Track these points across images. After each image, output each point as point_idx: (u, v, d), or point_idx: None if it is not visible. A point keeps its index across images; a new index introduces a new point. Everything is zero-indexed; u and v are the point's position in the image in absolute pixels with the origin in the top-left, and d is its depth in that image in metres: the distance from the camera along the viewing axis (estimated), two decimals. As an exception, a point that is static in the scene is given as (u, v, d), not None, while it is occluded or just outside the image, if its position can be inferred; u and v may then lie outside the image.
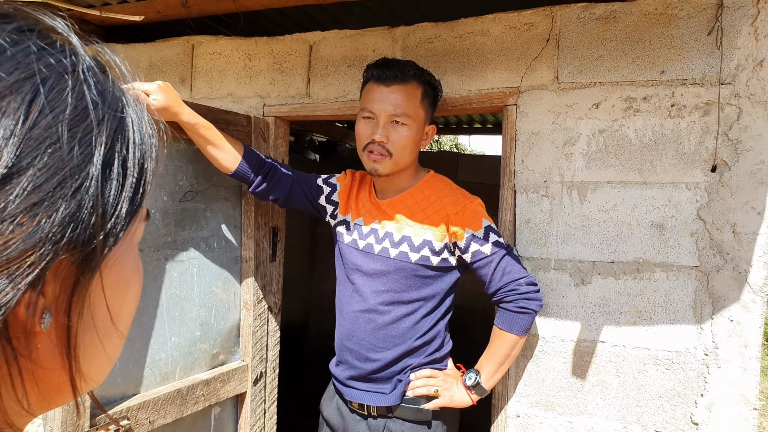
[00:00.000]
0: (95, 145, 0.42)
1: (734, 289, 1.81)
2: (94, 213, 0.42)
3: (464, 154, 5.62)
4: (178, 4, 2.46)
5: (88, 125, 0.42)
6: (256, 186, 2.02)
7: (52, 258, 0.39)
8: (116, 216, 0.44)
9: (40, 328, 0.40)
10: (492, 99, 2.10)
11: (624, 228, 1.93)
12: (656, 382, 1.90)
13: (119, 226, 0.45)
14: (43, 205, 0.38)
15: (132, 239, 0.50)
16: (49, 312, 0.41)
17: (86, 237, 0.41)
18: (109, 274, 0.47)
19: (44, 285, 0.40)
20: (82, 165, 0.41)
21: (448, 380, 1.89)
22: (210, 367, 2.21)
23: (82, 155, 0.41)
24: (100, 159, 0.42)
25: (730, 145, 1.82)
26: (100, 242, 0.43)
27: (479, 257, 1.82)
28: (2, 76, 0.38)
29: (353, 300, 1.96)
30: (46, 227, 0.38)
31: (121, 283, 0.50)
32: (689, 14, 1.86)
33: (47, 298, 0.40)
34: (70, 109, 0.41)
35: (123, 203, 0.45)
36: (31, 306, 0.39)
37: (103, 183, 0.42)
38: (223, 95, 2.55)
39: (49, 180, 0.38)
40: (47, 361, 0.43)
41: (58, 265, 0.40)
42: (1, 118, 0.37)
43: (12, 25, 0.42)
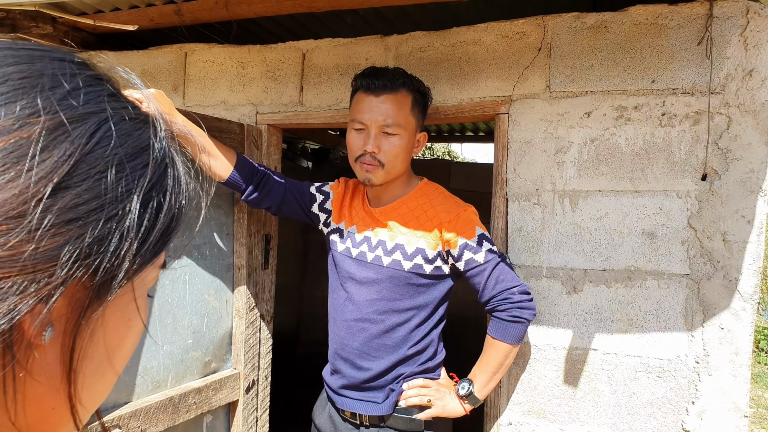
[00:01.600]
0: (138, 184, 0.45)
1: (725, 297, 1.82)
2: (121, 245, 0.44)
3: (457, 162, 5.63)
4: (171, 12, 2.46)
5: (137, 165, 0.46)
6: (248, 194, 2.02)
7: (72, 275, 0.41)
8: (140, 254, 0.46)
9: (40, 341, 0.41)
10: (484, 108, 2.11)
11: (615, 236, 1.94)
12: (648, 389, 1.90)
13: (140, 262, 0.47)
14: (78, 223, 0.41)
15: (144, 281, 0.52)
16: (52, 327, 0.42)
17: (107, 265, 0.43)
18: (115, 309, 0.49)
19: (56, 301, 0.41)
20: (121, 198, 0.44)
21: (441, 390, 1.89)
22: (202, 375, 2.20)
23: (124, 190, 0.44)
24: (139, 198, 0.45)
25: (720, 154, 1.83)
26: (118, 273, 0.45)
27: (472, 265, 1.82)
28: (75, 105, 0.43)
29: (346, 308, 1.95)
30: (74, 245, 0.40)
31: (124, 320, 0.51)
32: (679, 24, 1.88)
33: (53, 314, 0.42)
34: (124, 148, 0.45)
35: (148, 244, 0.47)
36: (38, 317, 0.40)
37: (135, 220, 0.45)
38: (216, 103, 2.55)
39: (89, 202, 0.41)
40: (41, 376, 0.43)
41: (74, 286, 0.42)
42: (65, 141, 0.41)
43: (90, 72, 0.48)
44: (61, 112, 0.42)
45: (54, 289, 0.40)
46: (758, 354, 7.88)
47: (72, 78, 0.45)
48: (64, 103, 0.43)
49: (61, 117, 0.42)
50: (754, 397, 5.33)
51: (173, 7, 2.44)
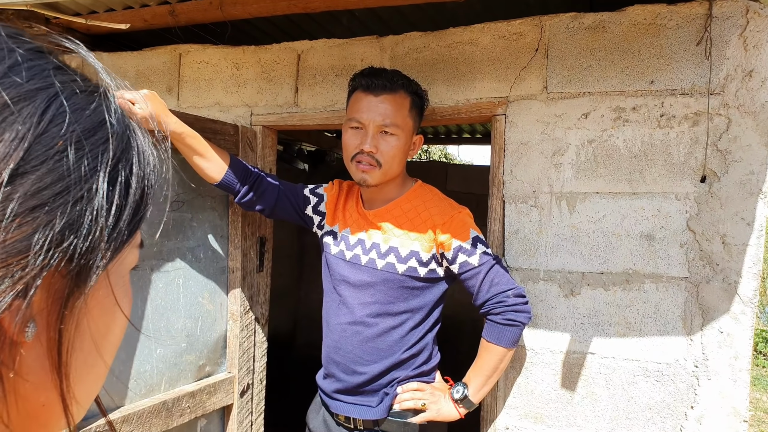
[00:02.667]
0: (101, 161, 0.43)
1: (724, 301, 1.80)
2: (94, 227, 0.42)
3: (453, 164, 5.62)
4: (166, 12, 2.44)
5: (97, 141, 0.43)
6: (242, 196, 2.00)
7: (46, 265, 0.39)
8: (115, 234, 0.44)
9: (24, 338, 0.40)
10: (481, 109, 2.09)
11: (613, 239, 1.92)
12: (646, 394, 1.88)
13: (116, 244, 0.45)
14: (44, 209, 0.38)
15: (124, 263, 0.50)
16: (34, 323, 0.40)
17: (82, 249, 0.41)
18: (98, 296, 0.46)
19: (34, 294, 0.39)
20: (86, 178, 0.41)
21: (435, 393, 1.87)
22: (196, 379, 2.17)
23: (88, 169, 0.41)
24: (105, 176, 0.43)
25: (720, 156, 1.81)
26: (96, 257, 0.43)
27: (467, 268, 1.80)
28: (20, 82, 0.40)
29: (340, 312, 1.93)
30: (44, 232, 0.38)
31: (108, 306, 0.49)
32: (678, 24, 1.86)
33: (34, 308, 0.40)
34: (81, 124, 0.42)
35: (122, 223, 0.45)
36: (18, 314, 0.39)
37: (105, 199, 0.43)
38: (211, 104, 2.53)
39: (52, 186, 0.39)
40: (32, 375, 0.42)
41: (51, 276, 0.40)
42: (14, 122, 0.38)
43: (30, 45, 0.44)
44: (4, 92, 0.39)
45: (30, 281, 0.38)
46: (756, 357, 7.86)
47: (10, 53, 0.41)
48: (6, 82, 0.39)
49: (5, 98, 0.38)
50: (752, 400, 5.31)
51: (167, 8, 2.42)
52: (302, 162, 5.31)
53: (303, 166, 5.34)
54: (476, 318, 1.96)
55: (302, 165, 5.33)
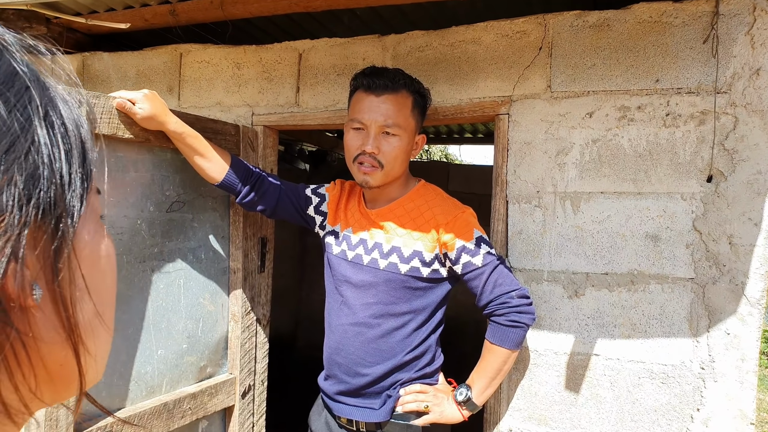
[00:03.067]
0: (32, 109, 0.41)
1: (731, 302, 1.78)
2: (51, 176, 0.41)
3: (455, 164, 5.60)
4: (166, 12, 2.43)
5: (19, 90, 0.41)
6: (243, 196, 1.98)
7: (24, 223, 0.38)
8: (73, 179, 0.44)
9: (32, 302, 0.40)
10: (484, 108, 2.07)
11: (618, 239, 1.90)
12: (651, 396, 1.86)
13: (79, 189, 0.44)
14: (0, 168, 0.37)
15: (92, 210, 0.49)
16: (38, 285, 0.40)
17: (51, 200, 0.41)
18: (82, 245, 0.46)
19: (24, 256, 0.39)
20: (25, 128, 0.40)
21: (438, 396, 1.85)
22: (197, 380, 2.16)
23: (23, 119, 0.40)
24: (42, 123, 0.41)
25: (726, 155, 1.79)
26: (66, 206, 0.42)
27: (470, 269, 1.78)
28: None
29: (342, 312, 1.91)
30: (10, 191, 0.37)
31: (95, 252, 0.49)
32: (684, 22, 1.84)
33: (31, 269, 0.40)
34: None
35: (74, 167, 0.44)
36: (18, 278, 0.38)
37: (51, 146, 0.42)
38: (212, 104, 2.51)
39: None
40: (49, 336, 0.42)
41: (32, 236, 0.39)
42: None
43: None
44: None
45: (16, 242, 0.37)
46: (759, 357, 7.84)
47: None
48: None
49: None
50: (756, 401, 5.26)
51: (168, 8, 2.40)
52: (303, 162, 5.29)
53: (304, 167, 5.33)
54: (480, 320, 1.94)
55: (303, 165, 5.31)
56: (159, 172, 1.97)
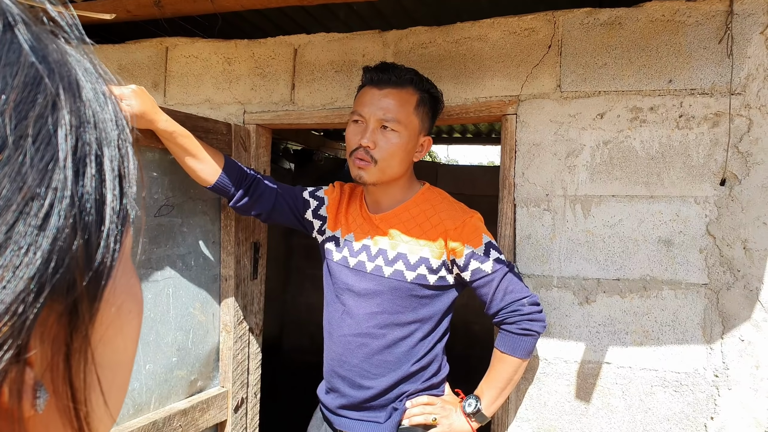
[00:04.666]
0: (57, 136, 0.29)
1: (745, 308, 1.74)
2: (78, 235, 0.29)
3: (443, 165, 5.54)
4: (151, 3, 2.29)
5: (42, 109, 0.29)
6: (237, 200, 1.88)
7: (35, 315, 0.27)
8: (106, 236, 0.32)
9: (35, 411, 0.29)
10: (490, 108, 2.00)
11: (630, 244, 1.85)
12: (664, 404, 1.82)
13: (112, 246, 0.32)
14: (9, 246, 0.26)
15: (124, 259, 0.37)
16: (43, 387, 0.29)
17: (75, 272, 0.29)
18: (103, 317, 0.34)
19: (29, 352, 0.28)
20: (46, 171, 0.28)
21: (446, 407, 1.78)
22: (188, 395, 2.04)
23: (43, 156, 0.28)
24: (69, 155, 0.29)
25: (741, 158, 1.75)
26: (96, 272, 0.31)
27: (479, 275, 1.71)
28: None
29: (344, 323, 1.82)
30: (19, 277, 0.26)
31: (120, 321, 0.37)
32: (697, 21, 1.79)
33: (36, 367, 0.29)
34: (11, 90, 0.27)
35: (109, 218, 0.32)
36: (16, 385, 0.27)
37: (79, 199, 0.30)
38: (200, 101, 2.39)
39: (6, 208, 0.26)
40: None
41: (45, 320, 0.28)
42: None
43: None
44: None
45: (19, 345, 0.27)
46: None
47: None
48: None
49: None
50: None
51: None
52: (288, 161, 5.16)
53: (289, 166, 5.20)
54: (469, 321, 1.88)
55: (288, 164, 5.18)
56: (146, 174, 1.85)
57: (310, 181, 1.94)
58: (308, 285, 5.55)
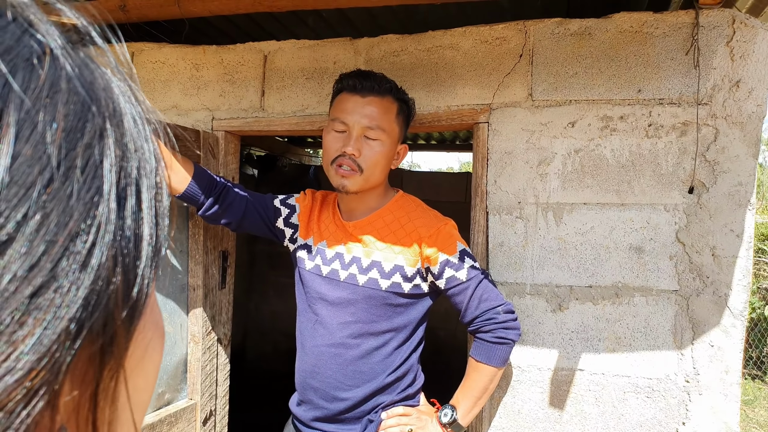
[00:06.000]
0: (104, 167, 0.28)
1: (714, 314, 1.77)
2: (118, 272, 0.28)
3: (408, 171, 5.52)
4: (116, 7, 2.24)
5: (90, 139, 0.27)
6: (206, 208, 1.83)
7: (72, 357, 0.25)
8: (142, 272, 0.30)
9: None
10: (462, 116, 2.00)
11: (602, 251, 1.86)
12: (637, 410, 1.83)
13: (147, 277, 0.31)
14: (51, 287, 0.24)
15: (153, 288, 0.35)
16: (66, 430, 0.27)
17: (113, 311, 0.28)
18: (131, 353, 0.32)
19: (62, 397, 0.26)
20: (91, 204, 0.26)
21: (422, 418, 1.75)
22: (155, 409, 1.98)
23: (90, 189, 0.26)
24: (113, 188, 0.28)
25: (708, 167, 1.78)
26: (131, 310, 0.29)
27: (454, 283, 1.70)
28: None
29: (317, 333, 1.79)
30: (60, 317, 0.24)
31: (145, 356, 0.35)
32: (665, 33, 1.83)
33: (62, 410, 0.27)
34: (60, 118, 0.26)
35: (146, 243, 0.31)
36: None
37: (120, 223, 0.28)
38: (167, 107, 2.33)
39: (52, 244, 0.24)
40: None
41: (77, 361, 0.27)
42: None
43: None
44: None
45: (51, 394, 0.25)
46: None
47: None
48: None
49: None
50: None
51: (118, 2, 2.21)
52: (251, 167, 5.09)
53: (252, 172, 5.12)
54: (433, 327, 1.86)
55: (251, 170, 5.11)
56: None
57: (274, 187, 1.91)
58: (272, 293, 5.48)
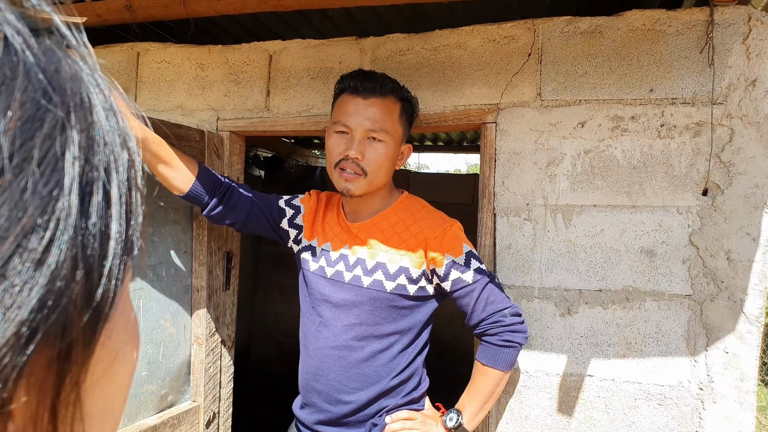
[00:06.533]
0: (65, 160, 0.26)
1: (729, 319, 1.72)
2: (78, 271, 0.26)
3: (415, 172, 5.48)
4: (122, 7, 2.22)
5: (51, 129, 0.25)
6: (211, 209, 1.81)
7: (25, 363, 0.24)
8: (109, 266, 0.28)
9: None
10: (469, 116, 1.97)
11: (612, 254, 1.82)
12: (648, 418, 1.78)
13: (114, 278, 0.29)
14: (0, 284, 0.23)
15: (124, 289, 0.33)
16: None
17: (72, 314, 0.26)
18: (97, 358, 0.30)
19: (14, 404, 0.24)
20: (49, 199, 0.25)
21: (427, 422, 1.72)
22: (158, 411, 1.96)
23: (48, 182, 0.25)
24: (75, 181, 0.26)
25: (723, 168, 1.73)
26: (94, 313, 0.27)
27: (460, 286, 1.66)
28: None
29: (320, 335, 1.76)
30: (9, 320, 0.23)
31: (117, 359, 0.33)
32: (678, 31, 1.78)
33: (18, 419, 0.25)
34: (15, 107, 0.24)
35: (114, 241, 0.28)
36: None
37: (82, 220, 0.26)
38: (172, 107, 2.32)
39: (2, 240, 0.23)
40: None
41: (32, 366, 0.25)
42: None
43: None
44: None
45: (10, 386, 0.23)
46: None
47: None
48: None
49: None
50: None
51: (124, 2, 2.20)
52: (258, 168, 5.08)
53: (259, 173, 5.11)
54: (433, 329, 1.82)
55: (258, 171, 5.09)
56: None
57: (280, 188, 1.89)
58: (277, 293, 5.47)
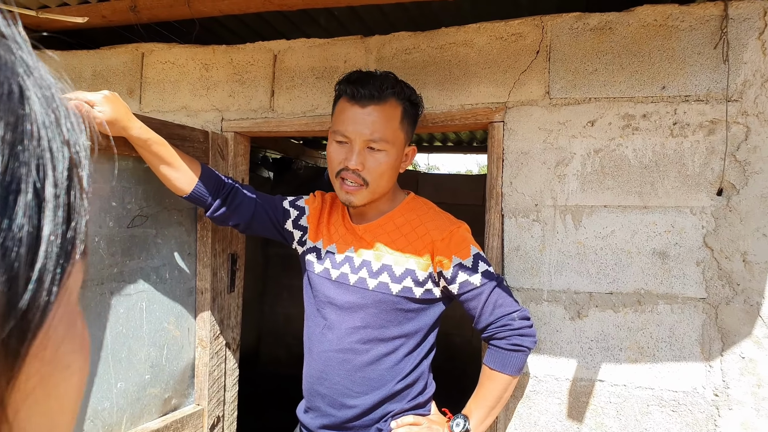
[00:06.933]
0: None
1: (746, 323, 1.67)
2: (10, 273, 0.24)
3: (424, 173, 5.45)
4: (126, 8, 2.21)
5: None
6: (214, 210, 1.79)
7: None
8: (40, 269, 0.26)
9: None
10: (476, 115, 1.93)
11: (623, 256, 1.77)
12: (661, 425, 1.73)
13: (48, 283, 0.26)
14: None
15: (70, 293, 0.31)
16: None
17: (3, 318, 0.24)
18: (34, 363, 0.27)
19: None
20: None
21: (433, 428, 1.68)
22: (161, 414, 1.94)
23: None
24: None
25: (738, 167, 1.68)
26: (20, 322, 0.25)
27: (467, 288, 1.62)
28: None
29: (325, 338, 1.73)
30: None
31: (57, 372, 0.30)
32: (691, 26, 1.73)
33: None
34: None
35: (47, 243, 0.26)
36: None
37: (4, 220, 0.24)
38: (177, 108, 2.30)
39: None
40: None
41: None
42: None
43: None
44: None
45: None
46: None
47: None
48: None
49: None
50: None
51: (128, 3, 2.19)
52: (267, 170, 5.07)
53: (268, 174, 5.10)
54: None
55: (267, 173, 5.08)
56: (119, 183, 1.77)
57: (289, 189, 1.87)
58: (285, 295, 5.46)
